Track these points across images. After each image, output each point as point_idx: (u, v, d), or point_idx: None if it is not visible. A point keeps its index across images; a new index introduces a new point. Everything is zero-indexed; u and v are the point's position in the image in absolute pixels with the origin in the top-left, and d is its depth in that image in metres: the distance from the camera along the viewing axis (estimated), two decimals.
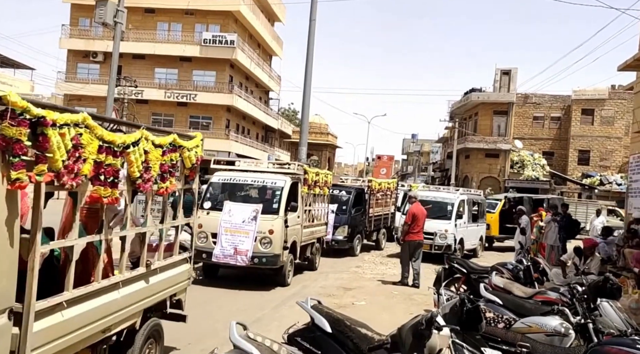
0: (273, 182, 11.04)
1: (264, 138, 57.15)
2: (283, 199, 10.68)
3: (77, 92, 46.45)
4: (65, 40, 47.89)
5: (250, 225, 10.29)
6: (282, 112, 68.38)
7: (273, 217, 10.47)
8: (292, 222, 10.95)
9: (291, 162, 11.34)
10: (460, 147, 49.32)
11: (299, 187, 11.53)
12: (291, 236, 10.97)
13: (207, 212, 10.75)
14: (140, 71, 46.85)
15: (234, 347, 3.62)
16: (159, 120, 48.40)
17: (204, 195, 11.08)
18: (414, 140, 65.79)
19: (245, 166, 11.30)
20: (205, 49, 46.34)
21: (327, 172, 13.43)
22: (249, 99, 51.18)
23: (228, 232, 10.31)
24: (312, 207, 12.52)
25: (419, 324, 3.70)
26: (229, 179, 11.20)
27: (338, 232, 16.07)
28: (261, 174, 11.23)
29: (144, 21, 47.13)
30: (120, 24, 17.74)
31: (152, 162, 5.13)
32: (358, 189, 17.74)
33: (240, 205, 10.64)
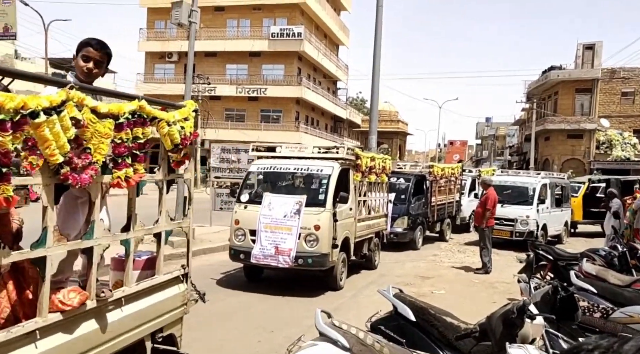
0: (319, 169, 9.19)
1: (332, 128, 55.63)
2: (330, 189, 8.80)
3: (155, 92, 46.73)
4: (143, 43, 48.41)
5: (293, 220, 8.52)
6: (351, 102, 66.45)
7: (319, 210, 8.63)
8: (342, 215, 9.07)
9: (339, 145, 9.39)
10: (539, 129, 45.41)
11: (350, 174, 9.62)
12: (342, 231, 9.09)
13: (245, 206, 9.05)
14: (212, 68, 46.64)
15: (319, 334, 3.47)
16: (231, 115, 48.15)
17: (241, 187, 9.42)
18: (488, 124, 61.77)
19: (287, 151, 9.52)
20: (274, 42, 45.61)
21: (384, 157, 11.34)
22: (318, 90, 49.97)
23: (268, 229, 8.59)
24: (367, 197, 10.56)
25: (509, 312, 3.52)
26: (269, 167, 9.43)
27: (397, 223, 14.01)
28: (305, 160, 9.39)
29: (214, 19, 46.67)
30: (194, 23, 17.39)
31: (95, 141, 3.42)
32: (418, 176, 15.48)
33: (281, 197, 8.87)
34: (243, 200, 9.07)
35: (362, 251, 10.54)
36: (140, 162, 3.97)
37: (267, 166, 9.44)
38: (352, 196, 9.60)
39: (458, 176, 17.74)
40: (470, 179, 20.20)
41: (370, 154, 10.58)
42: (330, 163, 9.20)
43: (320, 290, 9.02)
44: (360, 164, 9.73)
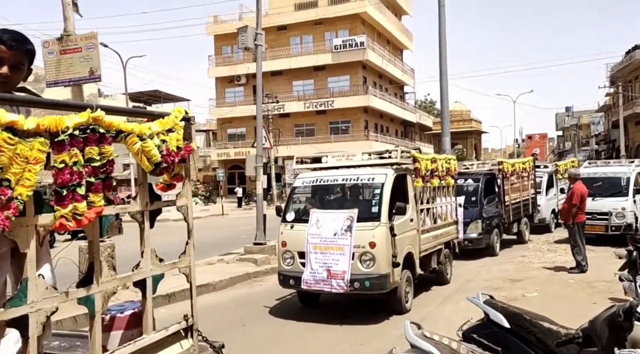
0: (370, 178, 7.99)
1: (403, 134, 54.02)
2: (385, 200, 7.56)
3: (227, 115, 47.49)
4: (212, 69, 49.20)
5: (345, 238, 7.36)
6: (420, 105, 64.42)
7: (373, 225, 7.41)
8: (402, 228, 7.79)
9: (393, 149, 8.12)
10: (627, 114, 41.55)
11: (408, 181, 8.34)
12: (403, 246, 7.81)
13: (291, 225, 7.91)
14: (280, 86, 46.65)
15: (411, 346, 3.27)
16: (301, 130, 47.83)
17: (286, 204, 8.38)
18: (569, 113, 57.51)
19: (333, 161, 8.36)
20: (337, 55, 45.10)
21: (447, 157, 9.90)
22: (384, 97, 48.82)
23: (318, 250, 7.47)
24: (432, 205, 9.21)
25: (615, 315, 3.10)
26: (315, 180, 8.29)
27: (470, 229, 12.48)
28: (355, 169, 8.24)
29: (278, 39, 46.71)
30: (260, 46, 17.59)
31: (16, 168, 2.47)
32: (488, 175, 13.79)
33: (329, 213, 7.71)
34: (289, 219, 8.00)
35: (430, 266, 9.18)
36: (97, 192, 2.94)
37: (312, 179, 8.31)
38: (412, 205, 8.30)
39: (530, 171, 15.80)
40: (546, 176, 18.16)
41: (430, 156, 9.22)
42: (383, 170, 7.97)
43: (384, 315, 7.77)
44: (419, 168, 8.43)
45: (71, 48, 9.61)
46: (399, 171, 8.13)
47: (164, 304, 8.62)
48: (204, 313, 8.34)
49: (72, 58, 9.57)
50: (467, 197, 12.80)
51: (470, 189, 13.32)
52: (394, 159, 8.00)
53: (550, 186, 18.29)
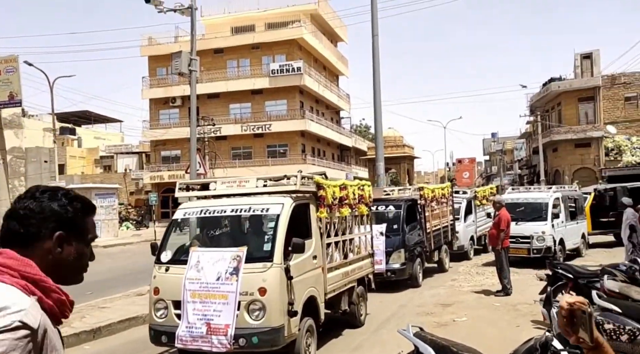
0: (264, 209, 6.51)
1: (340, 157, 53.22)
2: (280, 235, 6.10)
3: (161, 137, 45.31)
4: (146, 91, 46.95)
5: (230, 283, 5.82)
6: (355, 130, 64.02)
7: (265, 266, 5.93)
8: (301, 268, 6.33)
9: (293, 174, 6.64)
10: (546, 141, 42.31)
11: (310, 211, 6.94)
12: (303, 290, 6.35)
13: (166, 268, 6.31)
14: (217, 109, 45.03)
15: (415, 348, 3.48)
16: (238, 154, 46.25)
17: (162, 241, 6.73)
18: (494, 139, 58.42)
19: (223, 188, 6.70)
20: (274, 79, 44.03)
21: (360, 183, 8.55)
22: (321, 122, 48.00)
23: (197, 299, 5.90)
24: (342, 237, 7.79)
25: (532, 349, 3.22)
26: (199, 212, 6.64)
27: (393, 259, 11.26)
28: (248, 198, 6.77)
29: (214, 62, 45.20)
30: (194, 71, 17.18)
31: None
32: (409, 201, 12.62)
33: (212, 252, 6.17)
34: (164, 260, 6.36)
35: (340, 307, 7.75)
36: None
37: (195, 210, 6.70)
38: (316, 238, 6.87)
39: (449, 196, 14.80)
40: (465, 202, 17.31)
41: (339, 181, 7.80)
42: (280, 199, 6.51)
43: None
44: (324, 196, 7.02)
45: None
46: (299, 199, 6.71)
47: (88, 340, 7.66)
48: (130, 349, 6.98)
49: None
50: (389, 225, 11.56)
51: (391, 216, 12.12)
52: (293, 186, 6.55)
53: (469, 212, 17.46)
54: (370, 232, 9.05)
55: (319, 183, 6.98)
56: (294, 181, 6.46)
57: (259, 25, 46.01)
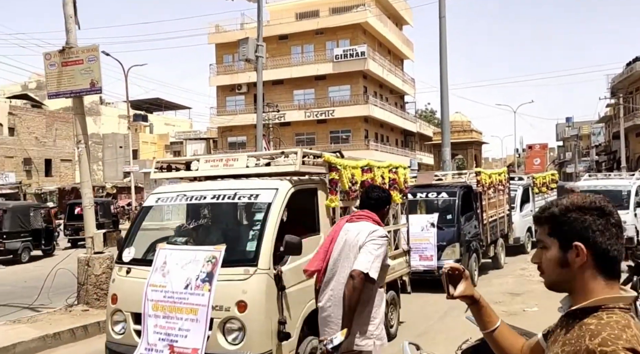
0: (252, 195, 4.76)
1: (403, 143, 50.80)
2: (269, 231, 4.45)
3: (228, 124, 44.97)
4: (213, 78, 46.70)
5: (200, 294, 4.25)
6: (420, 115, 60.98)
7: (246, 272, 4.32)
8: (302, 274, 4.69)
9: (292, 150, 4.93)
10: (628, 125, 37.87)
11: (318, 199, 5.25)
12: (303, 302, 4.67)
13: (128, 269, 4.82)
14: (281, 95, 44.08)
15: None
16: (301, 139, 45.10)
17: (127, 235, 5.16)
18: (569, 124, 53.51)
19: (206, 167, 5.17)
20: (338, 64, 42.39)
21: (391, 165, 6.69)
22: (385, 107, 45.86)
23: (159, 312, 4.38)
24: None
25: None
26: (175, 198, 5.02)
27: (446, 254, 9.33)
28: (235, 182, 5.10)
29: (279, 48, 44.05)
30: (261, 57, 17.27)
31: None
32: (464, 188, 10.40)
33: (183, 250, 4.64)
34: (126, 259, 4.84)
35: None
36: None
37: (171, 196, 5.09)
38: (325, 235, 5.18)
39: (505, 184, 12.42)
40: (521, 189, 14.91)
41: (362, 162, 5.99)
42: (275, 183, 4.87)
43: None
44: (336, 180, 5.29)
45: (72, 60, 9.43)
46: (302, 184, 5.02)
47: None
48: None
49: (74, 70, 9.39)
50: (441, 214, 9.63)
51: (444, 205, 10.15)
52: (291, 166, 4.84)
53: (526, 200, 15.04)
54: (405, 225, 7.18)
55: (330, 163, 5.24)
56: (292, 159, 4.75)
57: (323, 10, 44.43)
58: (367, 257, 3.56)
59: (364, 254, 3.59)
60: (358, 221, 3.87)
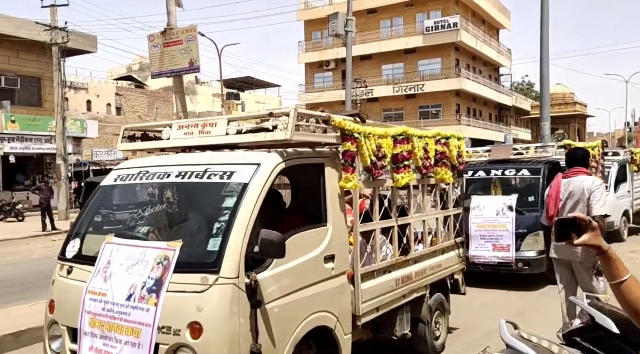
0: (225, 173, 3.36)
1: (497, 118, 46.93)
2: (239, 223, 3.11)
3: (316, 101, 44.14)
4: (302, 55, 45.96)
5: (143, 308, 3.05)
6: (516, 87, 55.92)
7: (204, 281, 3.02)
8: (293, 280, 3.29)
9: (282, 110, 3.54)
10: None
11: (325, 178, 3.76)
12: (294, 320, 3.34)
13: (69, 268, 3.56)
14: (369, 71, 42.43)
15: (506, 346, 2.81)
16: (389, 115, 43.22)
17: (74, 224, 3.84)
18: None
19: (179, 136, 3.75)
20: (428, 37, 39.88)
21: (438, 134, 4.95)
22: (478, 80, 42.56)
23: (97, 329, 3.22)
24: (397, 221, 4.38)
25: None
26: (136, 176, 3.73)
27: (527, 244, 7.46)
28: (210, 155, 3.82)
29: (368, 22, 42.16)
30: (350, 32, 16.87)
31: None
32: (550, 164, 8.32)
33: (131, 246, 3.33)
34: (69, 255, 3.68)
35: (393, 331, 4.55)
36: None
37: (131, 174, 3.84)
38: (335, 226, 3.77)
39: (599, 160, 9.88)
40: (616, 166, 12.19)
41: (393, 129, 4.34)
42: (257, 157, 3.54)
43: None
44: (353, 152, 3.84)
45: (173, 41, 9.77)
46: (298, 158, 3.65)
47: None
48: None
49: (174, 50, 9.72)
50: (520, 196, 7.71)
51: (524, 185, 8.27)
52: (281, 133, 3.43)
53: (622, 179, 12.32)
54: (459, 209, 5.51)
55: (344, 129, 3.81)
56: (283, 123, 3.39)
57: None
58: (600, 203, 4.57)
59: (597, 201, 4.58)
60: (574, 175, 4.81)
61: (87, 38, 28.35)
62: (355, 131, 3.87)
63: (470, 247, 7.15)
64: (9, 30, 24.46)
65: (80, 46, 27.30)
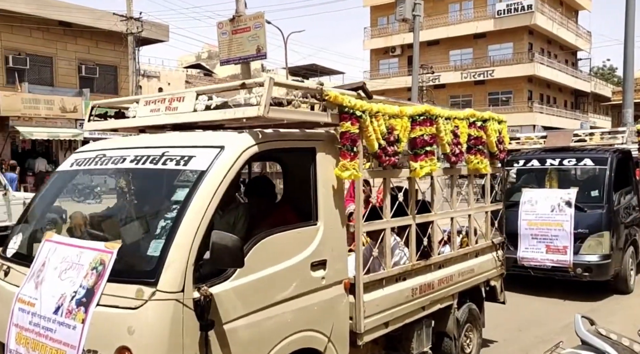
0: (183, 158, 2.66)
1: (573, 105, 43.31)
2: (189, 223, 2.40)
3: (381, 88, 42.85)
4: (367, 41, 44.75)
5: (70, 325, 2.45)
6: (596, 72, 51.34)
7: (138, 294, 2.31)
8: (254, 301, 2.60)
9: (257, 80, 2.76)
10: None
11: (316, 165, 2.97)
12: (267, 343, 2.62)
13: (6, 270, 2.94)
14: (436, 57, 40.56)
15: (581, 343, 2.64)
16: (457, 102, 41.18)
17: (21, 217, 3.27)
18: None
19: (145, 113, 3.05)
20: (500, 21, 37.42)
21: (471, 114, 3.90)
22: (553, 65, 39.43)
23: (22, 347, 2.64)
24: (415, 219, 3.50)
25: None
26: (93, 160, 3.01)
27: (589, 247, 6.30)
28: (172, 135, 3.16)
29: (435, 7, 40.20)
30: (418, 16, 16.47)
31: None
32: (619, 153, 6.90)
33: (67, 247, 2.67)
34: (9, 252, 3.05)
35: (411, 345, 3.69)
36: None
37: (88, 158, 3.13)
38: (328, 224, 3.01)
39: None
40: None
41: (412, 108, 3.44)
42: (223, 138, 2.81)
43: None
44: (358, 135, 3.05)
45: (241, 28, 9.53)
46: (278, 140, 2.91)
47: None
48: None
49: (242, 37, 9.45)
50: (581, 190, 6.51)
51: (586, 177, 7.03)
52: (253, 110, 2.64)
53: None
54: (498, 205, 4.51)
55: (342, 106, 3.02)
56: (256, 95, 2.65)
57: None
58: None
59: None
60: None
61: (159, 27, 28.89)
62: (358, 108, 3.07)
63: (520, 248, 6.14)
64: (90, 21, 25.34)
65: (154, 35, 27.84)
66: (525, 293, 6.40)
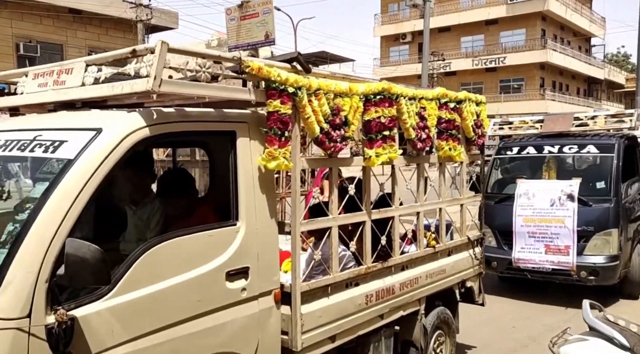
0: (52, 144, 2.07)
1: (586, 92, 41.83)
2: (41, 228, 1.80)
3: (391, 75, 41.88)
4: (378, 28, 43.71)
5: None
6: (610, 59, 49.50)
7: None
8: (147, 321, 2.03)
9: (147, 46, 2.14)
10: None
11: (237, 154, 2.40)
12: None
13: None
14: (447, 43, 39.45)
15: (589, 329, 2.61)
16: (467, 89, 39.57)
17: None
18: None
19: (33, 88, 2.40)
20: (512, 7, 36.21)
21: (443, 94, 3.27)
22: (566, 51, 38.03)
23: None
24: (370, 215, 2.92)
25: None
26: None
27: (594, 246, 5.48)
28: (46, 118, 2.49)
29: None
30: (429, 2, 15.86)
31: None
32: (626, 139, 6.02)
33: None
34: None
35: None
36: None
37: None
38: (251, 225, 2.44)
39: None
40: None
41: (366, 86, 2.84)
42: (102, 119, 2.21)
43: None
44: (289, 117, 2.47)
45: (250, 14, 9.69)
46: (176, 122, 2.28)
47: None
48: None
49: (250, 23, 9.62)
50: (585, 181, 5.70)
51: (589, 167, 6.24)
52: (141, 83, 2.01)
53: None
54: (476, 197, 3.86)
55: (269, 81, 2.42)
56: (147, 65, 2.07)
57: None
58: None
59: None
60: None
61: (169, 15, 28.35)
62: (291, 83, 2.47)
63: (515, 248, 5.43)
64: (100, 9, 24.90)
65: (163, 23, 27.33)
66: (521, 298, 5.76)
